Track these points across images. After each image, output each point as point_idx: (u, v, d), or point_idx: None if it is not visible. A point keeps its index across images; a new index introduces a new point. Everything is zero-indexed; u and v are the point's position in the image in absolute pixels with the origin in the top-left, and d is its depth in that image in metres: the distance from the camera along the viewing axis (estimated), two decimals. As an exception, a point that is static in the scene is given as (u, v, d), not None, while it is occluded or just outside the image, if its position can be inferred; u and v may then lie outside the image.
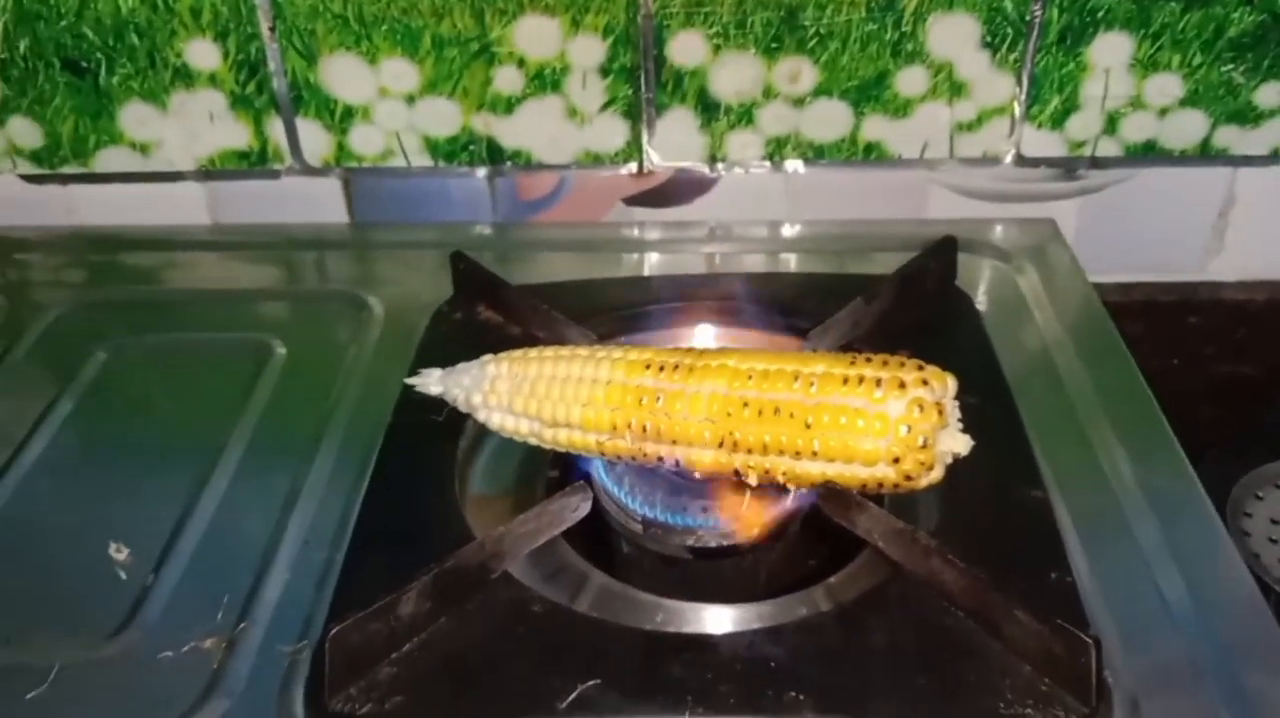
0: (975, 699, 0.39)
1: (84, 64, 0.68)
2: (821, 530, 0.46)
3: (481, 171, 0.72)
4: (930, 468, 0.41)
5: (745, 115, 0.68)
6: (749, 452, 0.42)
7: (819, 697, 0.39)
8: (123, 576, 0.48)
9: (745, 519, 0.46)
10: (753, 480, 0.43)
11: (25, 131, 0.71)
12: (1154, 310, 0.75)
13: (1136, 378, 0.57)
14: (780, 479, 0.43)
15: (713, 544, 0.47)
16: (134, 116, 0.70)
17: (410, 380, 0.51)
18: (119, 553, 0.49)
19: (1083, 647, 0.38)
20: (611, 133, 0.69)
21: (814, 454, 0.41)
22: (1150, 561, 0.46)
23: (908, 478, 0.41)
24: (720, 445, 0.43)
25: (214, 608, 0.46)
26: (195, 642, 0.45)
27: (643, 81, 0.67)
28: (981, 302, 0.63)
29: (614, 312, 0.58)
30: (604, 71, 0.67)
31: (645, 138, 0.69)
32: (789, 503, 0.47)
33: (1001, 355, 0.57)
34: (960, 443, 0.41)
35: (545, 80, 0.68)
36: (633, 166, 0.71)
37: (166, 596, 0.47)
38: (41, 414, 0.58)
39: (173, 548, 0.49)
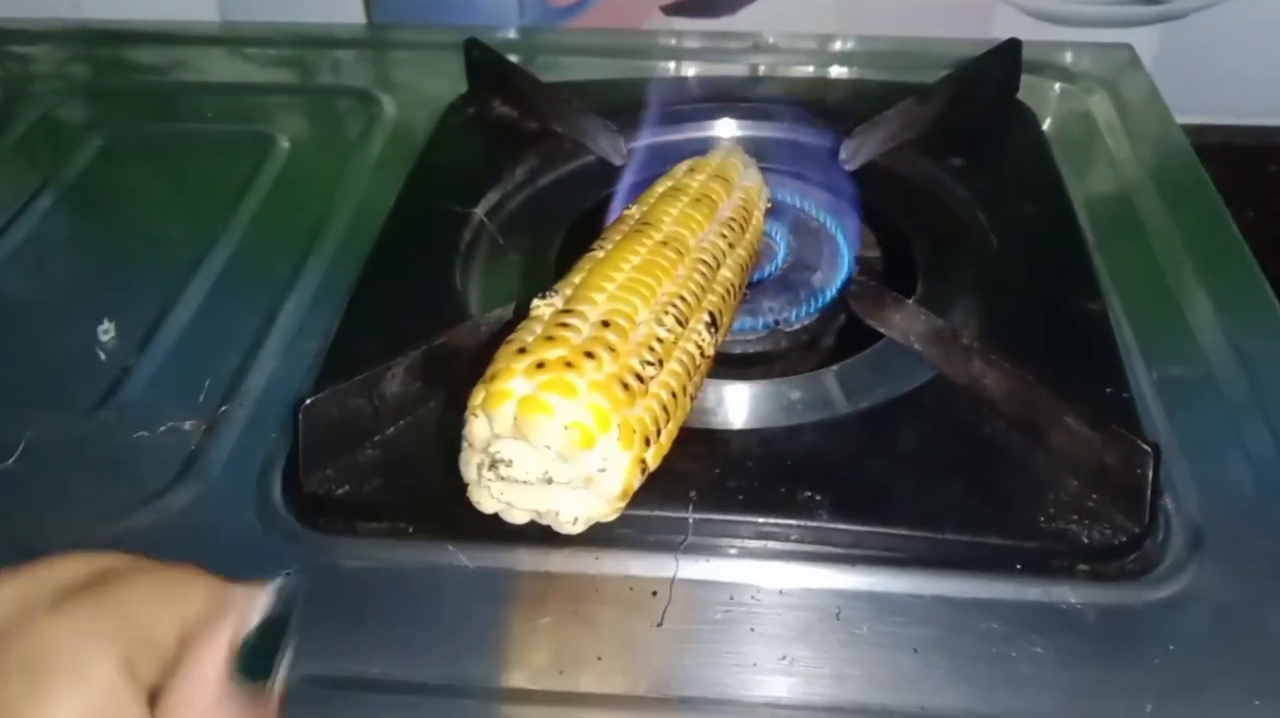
0: (1012, 512, 0.35)
1: None
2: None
3: (508, -29, 0.66)
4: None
5: (798, -87, 0.62)
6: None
7: (837, 500, 0.35)
8: (102, 356, 0.45)
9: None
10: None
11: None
12: (1231, 155, 0.68)
13: (1225, 221, 0.51)
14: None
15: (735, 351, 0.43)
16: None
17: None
18: (105, 334, 0.46)
19: (1139, 455, 0.34)
20: (651, -71, 0.64)
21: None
22: (1237, 418, 0.40)
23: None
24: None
25: (196, 392, 0.43)
26: (174, 423, 0.42)
27: None
28: (1047, 124, 0.58)
29: (638, 110, 0.53)
30: None
31: (687, -66, 0.63)
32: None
33: (1071, 188, 0.51)
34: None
35: None
36: (673, -31, 0.65)
37: (148, 377, 0.44)
38: (33, 194, 0.55)
39: (158, 332, 0.46)
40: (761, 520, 0.35)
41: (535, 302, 0.34)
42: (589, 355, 0.31)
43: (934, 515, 0.35)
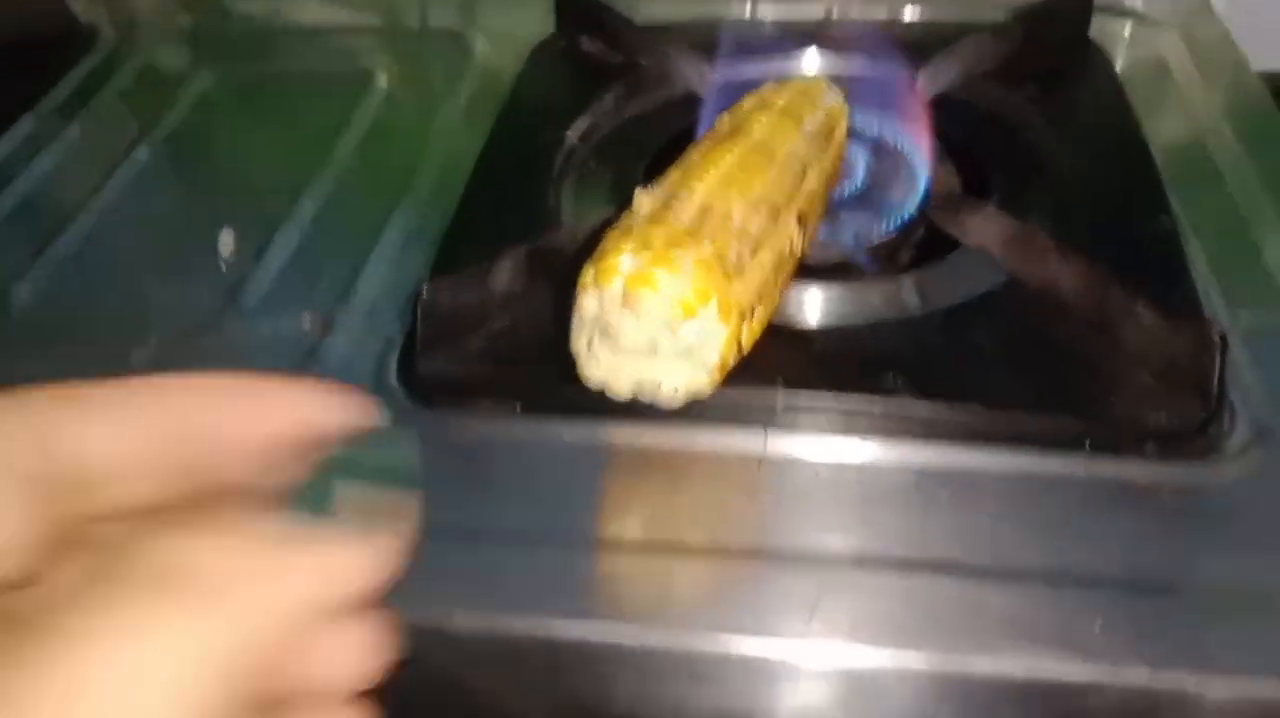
0: (1084, 397, 0.37)
1: None
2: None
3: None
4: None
5: None
6: None
7: (915, 382, 0.37)
8: (223, 268, 0.49)
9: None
10: None
11: None
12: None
13: None
14: None
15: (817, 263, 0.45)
16: None
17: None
18: (225, 246, 0.50)
19: (1207, 343, 0.36)
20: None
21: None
22: None
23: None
24: None
25: (312, 294, 0.46)
26: (293, 320, 0.45)
27: None
28: (1119, 64, 0.59)
29: (720, 45, 0.55)
30: None
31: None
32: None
33: (1143, 129, 0.52)
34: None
35: None
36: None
37: (268, 282, 0.48)
38: (146, 129, 0.58)
39: (271, 245, 0.49)
40: (844, 399, 0.37)
41: (638, 191, 0.37)
42: (691, 236, 0.34)
43: (1007, 397, 0.37)
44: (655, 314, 0.33)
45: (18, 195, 0.55)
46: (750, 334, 0.35)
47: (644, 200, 0.36)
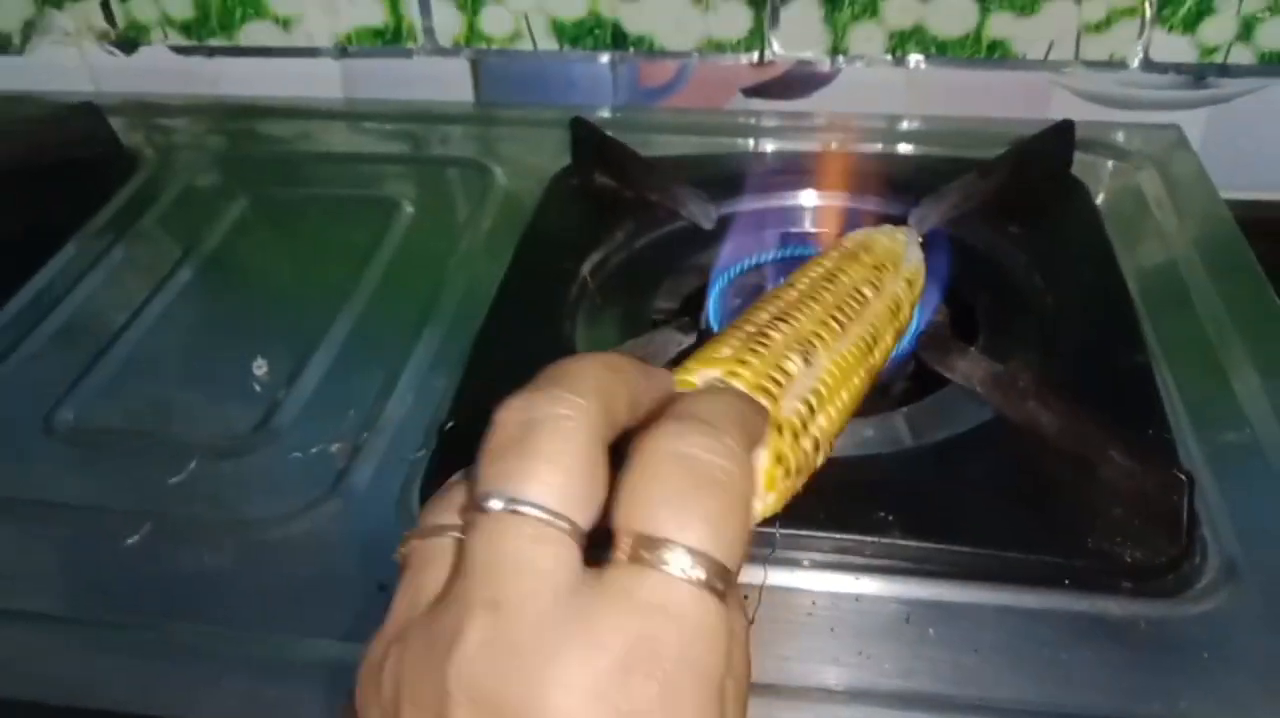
0: (1063, 535, 0.40)
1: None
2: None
3: (605, 57, 0.74)
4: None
5: (869, 7, 0.69)
6: None
7: (907, 520, 0.40)
8: (258, 389, 0.52)
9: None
10: None
11: (177, 3, 0.75)
12: (1275, 230, 0.72)
13: (1269, 294, 0.54)
14: None
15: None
16: (279, -11, 0.74)
17: None
18: (259, 369, 0.53)
19: (1176, 484, 0.38)
20: (735, 19, 0.70)
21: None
22: None
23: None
24: None
25: (341, 419, 0.49)
26: (323, 445, 0.48)
27: (768, -33, 0.68)
28: (1100, 199, 0.63)
29: (724, 181, 0.59)
30: (731, -44, 0.68)
31: (768, 25, 0.70)
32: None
33: (1121, 259, 0.55)
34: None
35: (672, -37, 0.69)
36: (754, 56, 0.72)
37: (298, 408, 0.51)
38: (186, 252, 0.62)
39: (303, 370, 0.53)
40: (840, 536, 0.40)
41: (790, 356, 0.34)
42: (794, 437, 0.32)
43: (992, 535, 0.40)
44: None
45: (63, 317, 0.58)
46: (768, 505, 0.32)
47: (789, 366, 0.34)
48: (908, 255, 0.43)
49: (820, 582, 0.40)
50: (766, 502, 0.32)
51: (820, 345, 0.35)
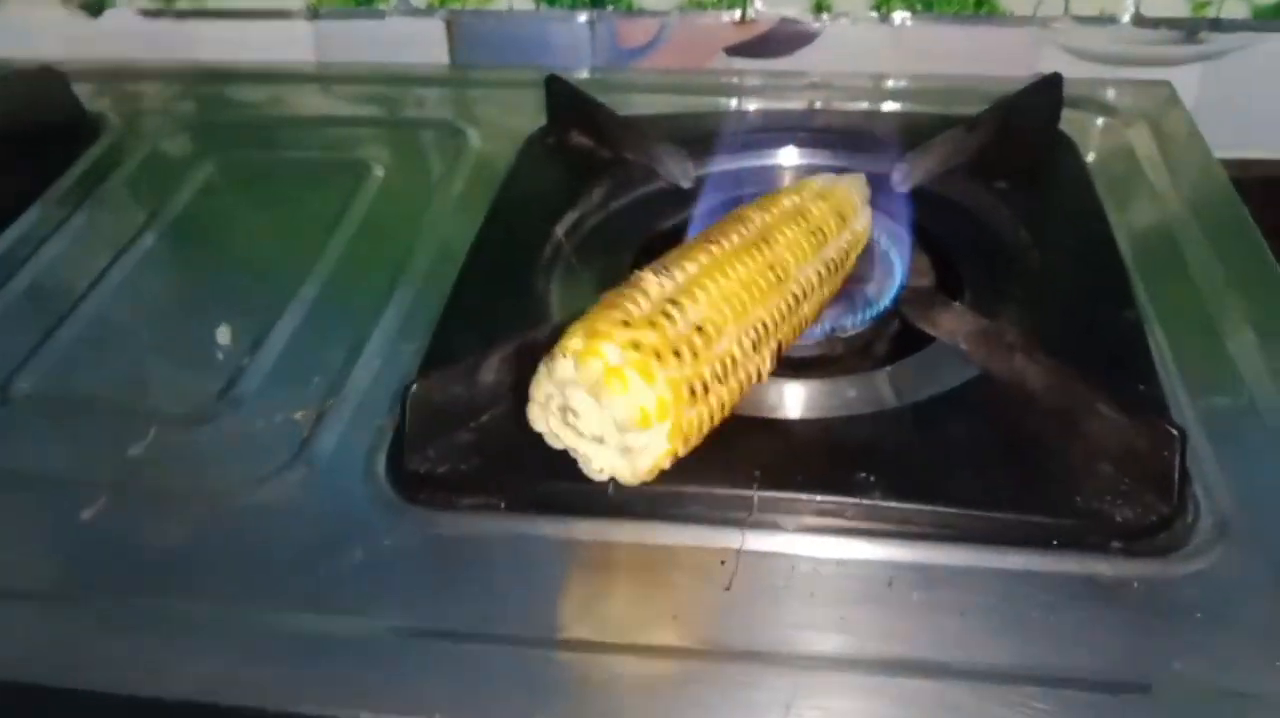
0: (1051, 494, 0.38)
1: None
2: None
3: (583, 16, 0.72)
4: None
5: (854, -40, 0.67)
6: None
7: (889, 481, 0.39)
8: (220, 357, 0.50)
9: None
10: None
11: (145, -36, 0.73)
12: (1272, 190, 0.71)
13: (1265, 253, 0.53)
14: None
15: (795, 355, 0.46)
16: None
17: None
18: (222, 336, 0.51)
19: (1167, 439, 0.37)
20: (715, -25, 0.68)
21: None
22: (1276, 439, 0.42)
23: None
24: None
25: (306, 386, 0.48)
26: (287, 413, 0.46)
27: (750, -80, 0.66)
28: (1090, 156, 0.61)
29: (704, 140, 0.58)
30: (711, -92, 0.66)
31: (749, -19, 0.68)
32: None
33: (1112, 217, 0.54)
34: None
35: (651, -84, 0.67)
36: (735, 14, 0.70)
37: (262, 376, 0.49)
38: (150, 217, 0.60)
39: (268, 336, 0.51)
40: (820, 498, 0.39)
41: (648, 274, 0.38)
42: (675, 354, 0.36)
43: (978, 495, 0.38)
44: (615, 412, 0.35)
45: (24, 283, 0.56)
46: (687, 450, 0.37)
47: (650, 284, 0.38)
48: (856, 219, 0.45)
49: (800, 546, 0.38)
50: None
51: (688, 264, 0.39)
